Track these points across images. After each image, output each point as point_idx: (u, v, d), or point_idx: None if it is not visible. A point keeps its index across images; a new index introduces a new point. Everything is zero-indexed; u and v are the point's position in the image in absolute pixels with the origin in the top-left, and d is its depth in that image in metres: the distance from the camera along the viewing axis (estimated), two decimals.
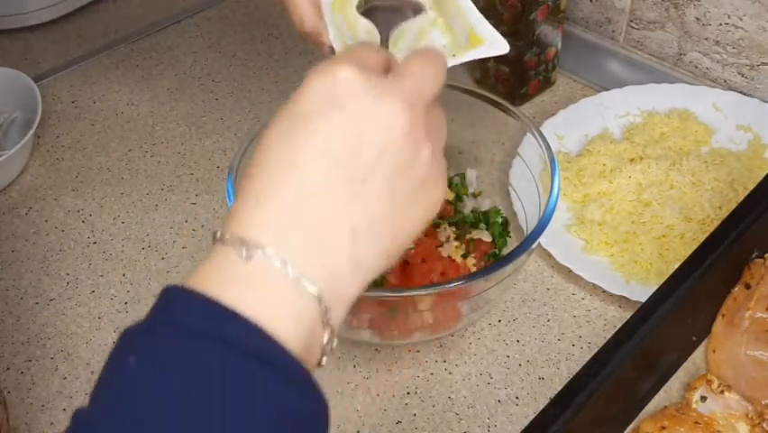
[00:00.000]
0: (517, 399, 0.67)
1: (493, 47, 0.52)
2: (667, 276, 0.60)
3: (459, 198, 0.78)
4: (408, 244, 0.40)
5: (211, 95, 0.99)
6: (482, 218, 0.76)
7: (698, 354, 0.65)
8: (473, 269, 0.71)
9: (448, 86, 0.78)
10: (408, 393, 0.68)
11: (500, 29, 0.53)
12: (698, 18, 0.87)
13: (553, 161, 0.66)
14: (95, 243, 0.82)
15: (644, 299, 0.59)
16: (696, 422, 0.59)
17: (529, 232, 0.63)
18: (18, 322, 0.75)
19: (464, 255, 0.72)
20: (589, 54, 0.96)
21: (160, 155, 0.92)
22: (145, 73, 1.03)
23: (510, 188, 0.76)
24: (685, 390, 0.62)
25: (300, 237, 0.36)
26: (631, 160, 0.82)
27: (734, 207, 0.65)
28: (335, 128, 0.37)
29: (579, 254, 0.76)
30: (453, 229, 0.74)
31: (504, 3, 0.85)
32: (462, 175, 0.79)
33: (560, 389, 0.53)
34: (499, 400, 0.67)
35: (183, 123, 0.96)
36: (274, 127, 0.38)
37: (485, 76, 0.94)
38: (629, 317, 0.57)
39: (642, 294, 0.67)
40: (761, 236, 0.65)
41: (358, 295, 0.38)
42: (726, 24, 0.85)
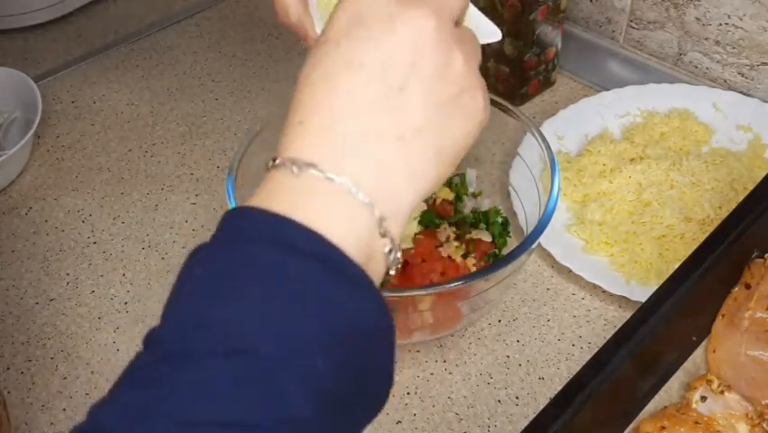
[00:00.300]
0: (517, 399, 0.67)
1: (485, 35, 0.52)
2: (667, 276, 0.60)
3: (459, 198, 0.78)
4: (460, 155, 0.41)
5: (211, 95, 0.99)
6: (482, 218, 0.76)
7: (698, 354, 0.65)
8: (473, 269, 0.71)
9: None
10: (408, 393, 0.68)
11: (500, 29, 0.53)
12: (698, 18, 0.87)
13: (552, 161, 0.66)
14: (95, 243, 0.82)
15: (644, 299, 0.59)
16: (696, 422, 0.59)
17: (529, 232, 0.63)
18: (18, 322, 0.75)
19: (464, 255, 0.72)
20: (589, 54, 0.96)
21: (159, 155, 0.92)
22: (145, 73, 1.03)
23: (510, 188, 0.76)
24: (685, 390, 0.62)
25: (347, 151, 0.37)
26: (631, 160, 0.82)
27: (734, 207, 0.65)
28: (363, 42, 0.38)
29: (579, 254, 0.76)
30: (453, 229, 0.74)
31: (504, 3, 0.85)
32: (462, 175, 0.79)
33: (560, 389, 0.53)
34: (499, 400, 0.67)
35: (183, 123, 0.96)
36: (310, 59, 0.40)
37: (485, 76, 0.93)
38: (629, 317, 0.57)
39: (642, 294, 0.67)
40: (761, 236, 0.65)
41: (418, 204, 0.39)
42: (726, 24, 0.85)
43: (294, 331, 0.32)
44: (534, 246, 0.62)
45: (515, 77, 0.91)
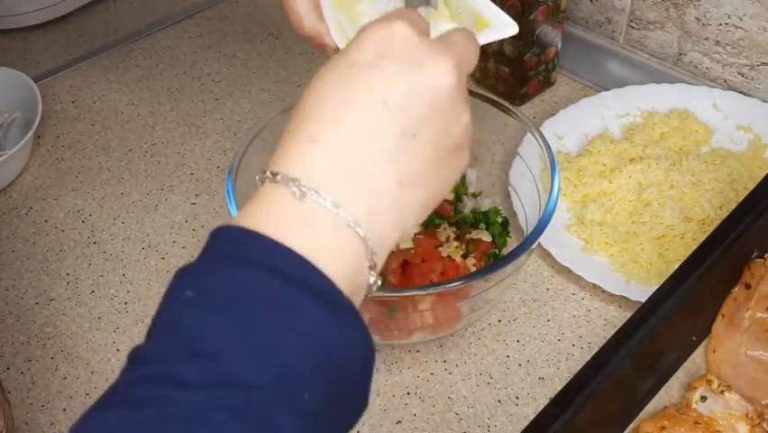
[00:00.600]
0: (517, 399, 0.67)
1: (501, 29, 0.52)
2: (667, 276, 0.60)
3: (459, 198, 0.78)
4: (439, 201, 0.42)
5: (211, 95, 0.99)
6: (482, 218, 0.76)
7: (698, 354, 0.65)
8: (473, 269, 0.71)
9: None
10: (408, 393, 0.68)
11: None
12: (698, 18, 0.87)
13: (552, 161, 0.66)
14: (95, 243, 0.82)
15: (644, 299, 0.59)
16: (696, 422, 0.59)
17: (529, 232, 0.63)
18: (18, 322, 0.75)
19: (464, 255, 0.72)
20: (589, 54, 0.96)
21: (159, 155, 0.92)
22: (145, 73, 1.03)
23: (510, 188, 0.76)
24: (685, 390, 0.62)
25: (352, 183, 0.37)
26: (631, 160, 0.82)
27: (734, 207, 0.65)
28: (389, 78, 0.38)
29: (579, 254, 0.76)
30: (453, 229, 0.74)
31: (504, 3, 0.85)
32: (462, 175, 0.79)
33: (560, 389, 0.53)
34: (499, 401, 0.67)
35: (183, 123, 0.96)
36: (327, 74, 0.39)
37: (485, 76, 0.94)
38: (629, 317, 0.57)
39: (642, 294, 0.67)
40: (761, 236, 0.65)
41: (395, 244, 0.39)
42: (726, 24, 0.85)
43: (285, 363, 0.32)
44: (534, 246, 0.62)
45: (515, 77, 0.91)
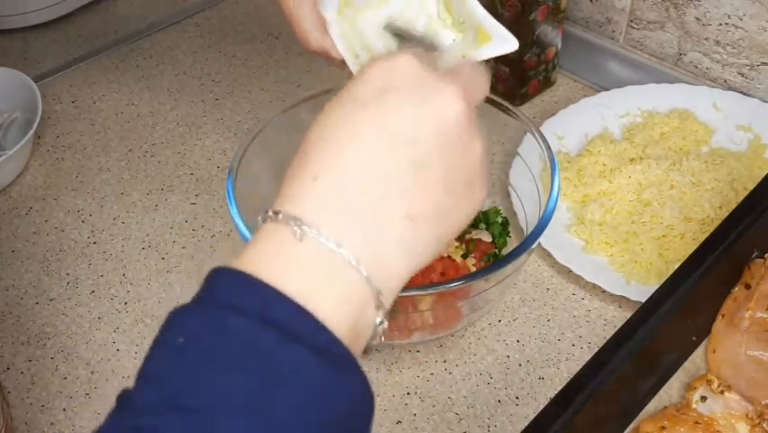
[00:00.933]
0: (517, 399, 0.67)
1: (502, 44, 0.52)
2: (667, 276, 0.60)
3: None
4: (457, 234, 0.40)
5: (211, 95, 0.99)
6: (482, 218, 0.76)
7: (698, 354, 0.65)
8: (473, 269, 0.71)
9: None
10: (408, 393, 0.68)
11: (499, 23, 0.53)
12: (698, 18, 0.87)
13: (552, 161, 0.66)
14: (95, 243, 0.82)
15: (644, 299, 0.59)
16: (696, 422, 0.59)
17: (529, 232, 0.63)
18: (18, 322, 0.75)
19: (464, 255, 0.72)
20: (589, 54, 0.96)
21: (159, 155, 0.92)
22: (145, 73, 1.03)
23: (510, 188, 0.76)
24: (685, 390, 0.62)
25: (355, 220, 0.36)
26: (631, 160, 0.82)
27: (734, 207, 0.65)
28: (395, 111, 0.37)
29: (579, 254, 0.76)
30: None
31: (504, 3, 0.85)
32: None
33: (560, 389, 0.53)
34: (499, 400, 0.67)
35: (183, 123, 0.96)
36: (331, 110, 0.38)
37: None
38: (629, 317, 0.57)
39: (642, 294, 0.67)
40: (761, 236, 0.65)
41: (408, 279, 0.38)
42: (726, 24, 0.85)
43: (275, 422, 0.31)
44: (534, 246, 0.62)
45: (515, 77, 0.91)
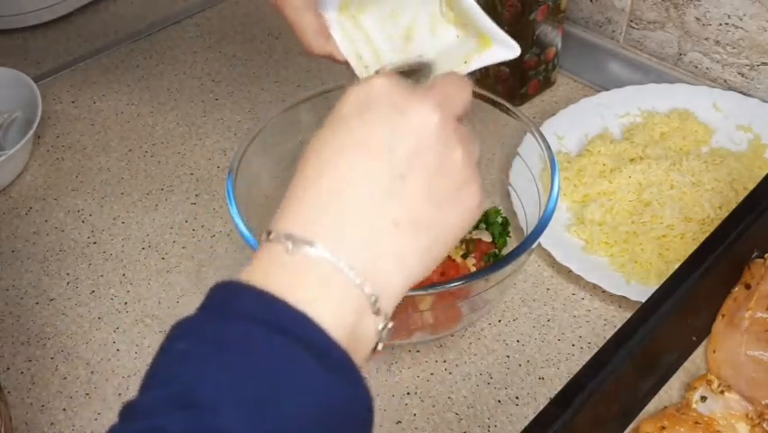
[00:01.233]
0: (517, 399, 0.67)
1: (504, 50, 0.52)
2: (667, 276, 0.60)
3: None
4: (452, 246, 0.42)
5: (211, 95, 0.99)
6: (482, 218, 0.76)
7: (698, 354, 0.65)
8: (473, 269, 0.71)
9: None
10: (408, 393, 0.68)
11: (501, 29, 0.53)
12: (698, 18, 0.87)
13: (552, 161, 0.66)
14: (95, 243, 0.82)
15: (644, 299, 0.59)
16: (696, 422, 0.59)
17: (529, 232, 0.63)
18: (18, 322, 0.75)
19: (464, 255, 0.72)
20: (589, 54, 0.96)
21: (159, 155, 0.92)
22: (145, 73, 1.03)
23: (510, 188, 0.76)
24: (685, 390, 0.62)
25: (343, 230, 0.37)
26: (631, 160, 0.82)
27: (734, 207, 0.65)
28: (372, 124, 0.39)
29: (579, 254, 0.76)
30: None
31: (504, 3, 0.85)
32: None
33: (560, 389, 0.53)
34: (499, 401, 0.67)
35: (183, 123, 0.96)
36: (320, 132, 0.40)
37: (485, 76, 0.94)
38: (629, 317, 0.57)
39: (642, 294, 0.67)
40: (761, 236, 0.65)
41: (405, 291, 0.39)
42: (726, 24, 0.85)
43: (281, 417, 0.32)
44: (534, 246, 0.62)
45: (515, 77, 0.91)
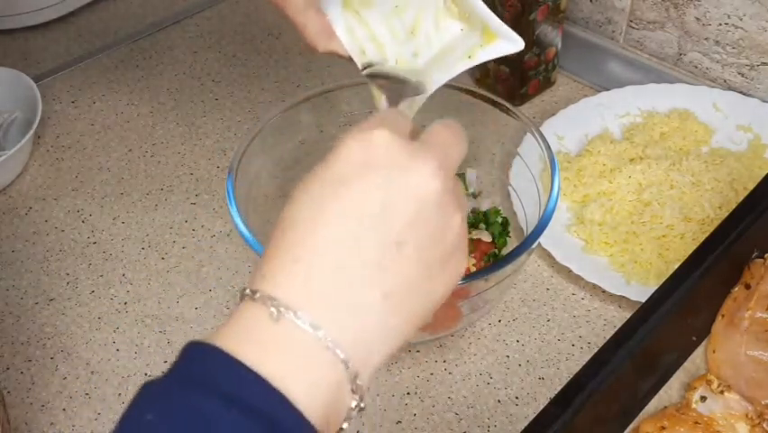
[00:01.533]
0: (517, 399, 0.67)
1: (507, 44, 0.52)
2: (667, 276, 0.60)
3: None
4: (432, 312, 0.40)
5: (211, 95, 0.99)
6: (482, 218, 0.76)
7: (698, 354, 0.65)
8: (473, 269, 0.71)
9: (448, 86, 0.78)
10: (408, 393, 0.68)
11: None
12: (698, 18, 0.87)
13: (552, 161, 0.66)
14: (95, 243, 0.82)
15: (644, 299, 0.59)
16: (696, 422, 0.59)
17: (529, 232, 0.63)
18: (18, 322, 0.75)
19: None
20: (589, 54, 0.96)
21: (159, 155, 0.92)
22: (145, 73, 1.03)
23: (510, 188, 0.76)
24: (685, 390, 0.62)
25: (333, 301, 0.35)
26: (631, 160, 0.82)
27: (734, 207, 0.65)
28: (370, 189, 0.37)
29: (579, 254, 0.76)
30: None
31: (504, 3, 0.85)
32: (462, 175, 0.79)
33: (560, 389, 0.53)
34: (499, 400, 0.67)
35: (183, 123, 0.96)
36: (308, 186, 0.38)
37: (485, 76, 0.94)
38: (629, 317, 0.57)
39: (642, 294, 0.67)
40: (761, 236, 0.65)
41: (384, 362, 0.37)
42: (726, 24, 0.85)
43: None
44: (534, 246, 0.62)
45: (515, 77, 0.91)
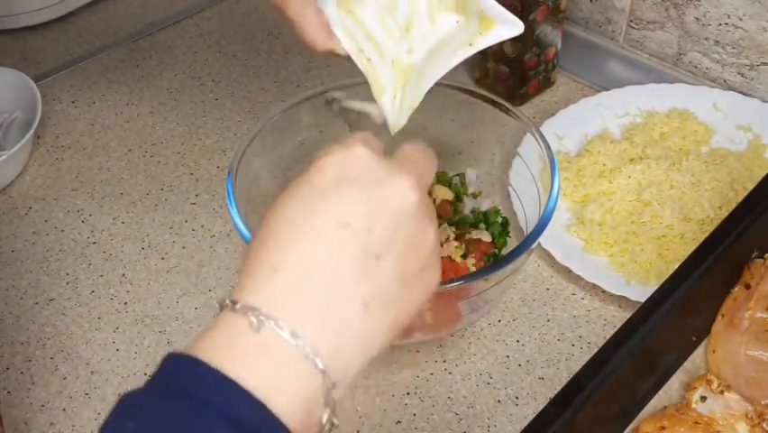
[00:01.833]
0: (517, 399, 0.67)
1: (507, 28, 0.52)
2: (667, 276, 0.60)
3: (459, 198, 0.77)
4: (408, 321, 0.41)
5: (211, 95, 0.99)
6: (482, 218, 0.76)
7: (698, 354, 0.65)
8: (473, 269, 0.71)
9: (448, 86, 0.78)
10: (408, 393, 0.68)
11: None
12: (698, 18, 0.87)
13: (552, 161, 0.66)
14: (94, 243, 0.82)
15: (644, 299, 0.59)
16: (696, 422, 0.59)
17: (529, 232, 0.63)
18: (18, 322, 0.75)
19: (464, 255, 0.72)
20: (589, 54, 0.96)
21: (159, 155, 0.92)
22: (145, 73, 1.03)
23: (510, 188, 0.76)
24: (685, 390, 0.62)
25: (312, 311, 0.36)
26: (631, 160, 0.82)
27: (734, 207, 0.65)
28: (351, 201, 0.38)
29: (579, 254, 0.76)
30: (453, 229, 0.74)
31: (504, 3, 0.85)
32: (462, 175, 0.79)
33: (560, 389, 0.53)
34: (499, 400, 0.67)
35: (183, 123, 0.96)
36: (290, 197, 0.39)
37: (485, 76, 0.94)
38: (629, 317, 0.57)
39: (642, 294, 0.67)
40: (761, 236, 0.65)
41: (363, 367, 0.38)
42: (726, 24, 0.85)
43: None
44: (534, 246, 0.62)
45: (515, 77, 0.91)
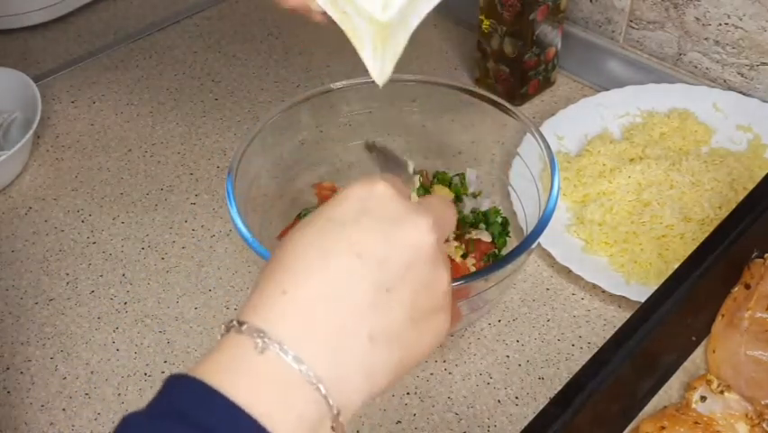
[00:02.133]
0: (517, 399, 0.67)
1: None
2: (667, 276, 0.60)
3: (459, 198, 0.78)
4: (415, 366, 0.41)
5: (211, 95, 0.99)
6: (482, 218, 0.76)
7: (698, 354, 0.65)
8: (473, 269, 0.71)
9: (448, 86, 0.78)
10: (408, 393, 0.68)
11: (500, 29, 0.53)
12: (697, 18, 0.87)
13: (552, 161, 0.66)
14: (94, 243, 0.82)
15: (643, 299, 0.59)
16: (696, 422, 0.59)
17: (529, 232, 0.63)
18: (18, 322, 0.75)
19: (464, 255, 0.72)
20: (589, 54, 0.96)
21: (159, 155, 0.92)
22: (145, 73, 1.03)
23: (510, 188, 0.76)
24: (685, 390, 0.62)
25: (319, 337, 0.36)
26: (631, 160, 0.82)
27: (734, 207, 0.65)
28: (368, 234, 0.38)
29: (579, 254, 0.76)
30: (453, 229, 0.74)
31: (504, 3, 0.85)
32: (462, 175, 0.79)
33: (560, 389, 0.53)
34: (499, 401, 0.67)
35: (183, 123, 0.96)
36: (309, 225, 0.39)
37: (485, 76, 0.94)
38: (629, 317, 0.57)
39: (642, 294, 0.67)
40: (761, 236, 0.65)
41: (366, 402, 0.38)
42: (726, 24, 0.85)
43: None
44: (534, 246, 0.62)
45: (515, 77, 0.91)
